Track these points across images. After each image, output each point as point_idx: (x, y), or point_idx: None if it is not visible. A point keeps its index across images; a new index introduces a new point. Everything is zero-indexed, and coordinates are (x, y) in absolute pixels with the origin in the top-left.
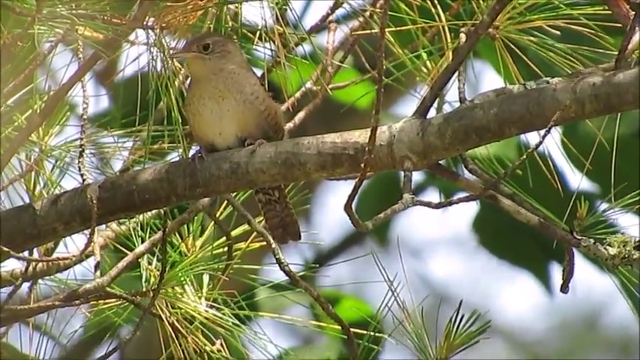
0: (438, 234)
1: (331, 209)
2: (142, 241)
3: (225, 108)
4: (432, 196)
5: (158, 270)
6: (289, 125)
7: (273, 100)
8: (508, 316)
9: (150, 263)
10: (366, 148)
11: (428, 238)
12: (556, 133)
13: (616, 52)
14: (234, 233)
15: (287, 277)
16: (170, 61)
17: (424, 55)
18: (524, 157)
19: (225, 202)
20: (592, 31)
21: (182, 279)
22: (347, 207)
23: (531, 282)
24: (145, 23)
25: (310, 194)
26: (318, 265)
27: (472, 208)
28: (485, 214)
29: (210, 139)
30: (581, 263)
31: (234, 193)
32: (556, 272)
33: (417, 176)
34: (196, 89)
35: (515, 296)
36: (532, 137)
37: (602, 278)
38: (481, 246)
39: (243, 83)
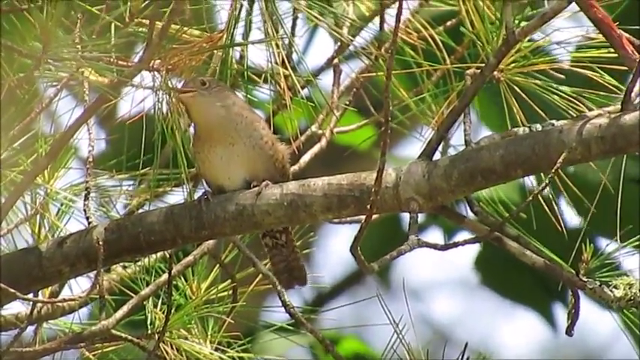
0: (438, 274)
1: (332, 250)
2: (147, 284)
3: (235, 153)
4: (434, 235)
5: (163, 313)
6: (294, 168)
7: (280, 143)
8: (511, 356)
9: (155, 306)
10: (373, 190)
11: (428, 279)
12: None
13: (622, 95)
14: (239, 275)
15: (290, 319)
16: (176, 103)
17: (429, 98)
18: (530, 199)
19: (231, 244)
20: (597, 74)
21: (187, 322)
22: (353, 248)
23: (535, 321)
24: (151, 65)
25: (315, 237)
26: (319, 307)
27: (474, 248)
28: (487, 253)
29: (219, 182)
30: (583, 302)
31: (240, 235)
32: (559, 311)
33: (419, 216)
34: (206, 135)
35: (518, 336)
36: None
37: (604, 317)
38: (483, 285)
39: (252, 127)
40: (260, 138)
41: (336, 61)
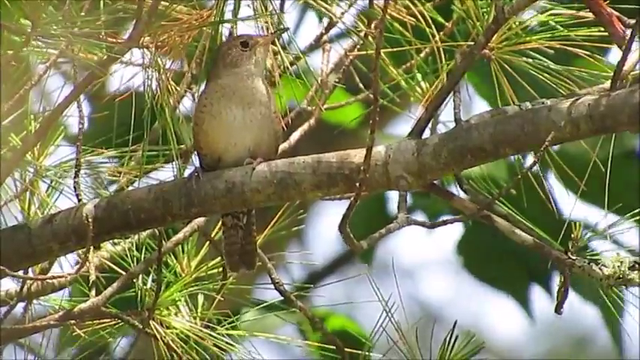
0: (424, 255)
1: (323, 228)
2: (137, 262)
3: (249, 118)
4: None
5: (153, 290)
6: (284, 145)
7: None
8: (499, 336)
9: (145, 283)
10: (362, 168)
11: (414, 259)
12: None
13: (611, 74)
14: None
15: (280, 297)
16: (166, 80)
17: (419, 76)
18: (519, 177)
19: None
20: (587, 53)
21: (177, 299)
22: (342, 227)
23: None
24: (140, 42)
25: (306, 214)
26: (310, 285)
27: (458, 231)
28: (469, 237)
29: (220, 148)
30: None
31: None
32: (537, 297)
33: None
34: (227, 87)
35: (506, 316)
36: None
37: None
38: (464, 268)
39: (271, 100)
40: (273, 112)
41: (325, 38)
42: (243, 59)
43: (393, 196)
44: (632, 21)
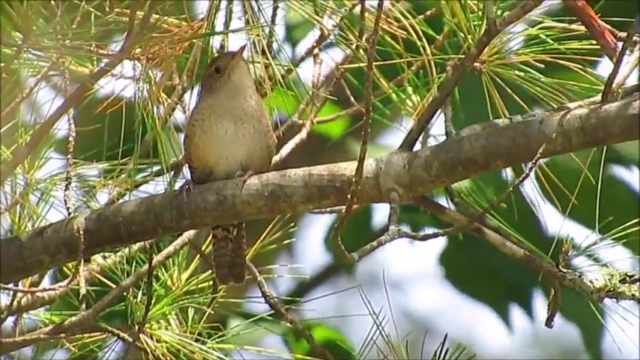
0: (412, 267)
1: (313, 240)
2: (128, 275)
3: (241, 133)
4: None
5: (143, 303)
6: (275, 158)
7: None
8: (490, 348)
9: (135, 297)
10: (353, 180)
11: (402, 272)
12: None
13: (602, 86)
14: None
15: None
16: (157, 92)
17: (409, 89)
18: (510, 189)
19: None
20: (579, 65)
21: (167, 312)
22: (333, 239)
23: (517, 313)
24: (131, 54)
25: (296, 227)
26: (300, 297)
27: (440, 244)
28: (452, 249)
29: (211, 161)
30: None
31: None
32: (516, 313)
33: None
34: (220, 106)
35: (497, 328)
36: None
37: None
38: (446, 279)
39: (263, 114)
40: (266, 125)
41: (316, 50)
42: (221, 83)
43: (381, 208)
44: (624, 34)
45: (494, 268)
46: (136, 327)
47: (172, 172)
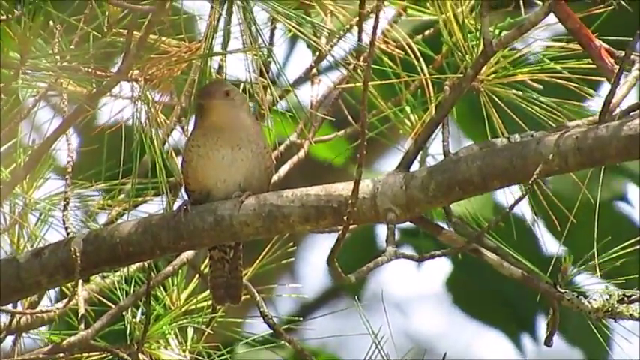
0: (414, 289)
1: (313, 261)
2: (126, 295)
3: (239, 157)
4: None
5: (142, 323)
6: (273, 179)
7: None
8: None
9: (134, 316)
10: (350, 201)
11: (405, 293)
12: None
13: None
14: None
15: (270, 330)
16: (155, 113)
17: (407, 109)
18: (508, 210)
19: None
20: (576, 85)
21: (166, 332)
22: (330, 260)
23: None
24: (129, 75)
25: (295, 247)
26: (300, 318)
27: (445, 268)
28: (458, 273)
29: (209, 184)
30: None
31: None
32: (526, 337)
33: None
34: (215, 133)
35: (496, 349)
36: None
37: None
38: (454, 304)
39: (259, 137)
40: (263, 147)
41: (314, 71)
42: (204, 120)
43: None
44: (621, 53)
45: (500, 292)
46: (135, 346)
47: (170, 193)
